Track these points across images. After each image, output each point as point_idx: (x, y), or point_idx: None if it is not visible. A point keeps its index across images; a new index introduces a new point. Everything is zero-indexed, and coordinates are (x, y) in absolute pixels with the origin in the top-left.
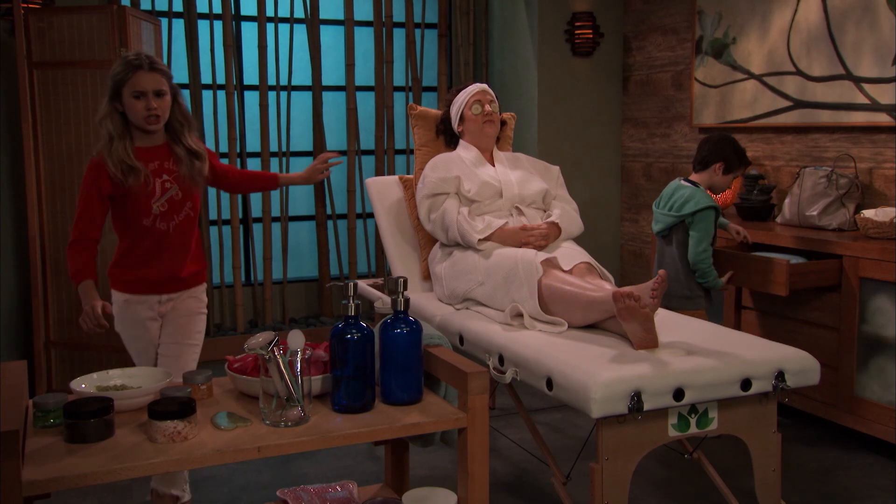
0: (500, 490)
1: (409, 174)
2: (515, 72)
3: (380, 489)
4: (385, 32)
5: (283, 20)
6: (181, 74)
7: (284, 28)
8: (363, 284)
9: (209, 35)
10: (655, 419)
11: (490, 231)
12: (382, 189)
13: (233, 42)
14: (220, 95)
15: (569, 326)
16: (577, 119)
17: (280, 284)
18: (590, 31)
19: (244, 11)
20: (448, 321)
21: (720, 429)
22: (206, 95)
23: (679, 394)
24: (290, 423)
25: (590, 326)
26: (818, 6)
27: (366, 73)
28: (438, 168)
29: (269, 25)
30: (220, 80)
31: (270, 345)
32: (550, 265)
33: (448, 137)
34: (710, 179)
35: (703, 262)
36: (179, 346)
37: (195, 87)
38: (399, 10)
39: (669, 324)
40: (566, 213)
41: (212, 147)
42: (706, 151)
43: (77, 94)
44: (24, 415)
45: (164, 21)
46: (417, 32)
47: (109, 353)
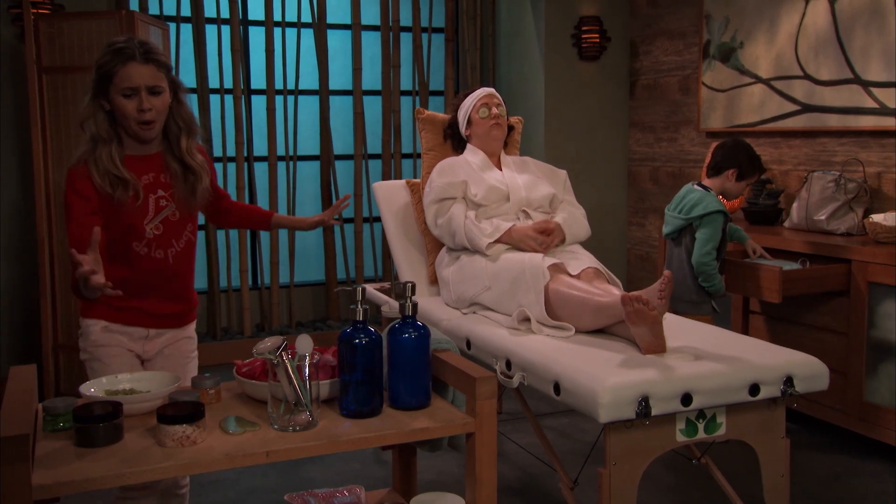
0: (508, 495)
1: (417, 178)
2: (522, 76)
3: (387, 493)
4: (392, 37)
5: (291, 24)
6: (189, 79)
7: (292, 32)
8: (370, 289)
9: (217, 39)
10: (663, 424)
11: (499, 234)
12: (389, 193)
13: (240, 46)
14: (228, 100)
15: (576, 331)
16: (584, 123)
17: (287, 288)
18: (597, 36)
19: (252, 16)
20: (455, 326)
21: (728, 434)
22: (214, 100)
23: (687, 399)
24: (299, 428)
25: (597, 331)
26: (826, 10)
27: (373, 78)
28: (445, 173)
29: (277, 30)
30: (228, 85)
31: (279, 349)
32: (558, 270)
33: (455, 142)
34: (723, 185)
35: (708, 266)
36: None
37: (203, 92)
38: (406, 15)
39: (677, 328)
40: (572, 217)
41: (218, 152)
42: (720, 157)
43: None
44: (34, 419)
45: (173, 26)
46: (424, 37)
47: None
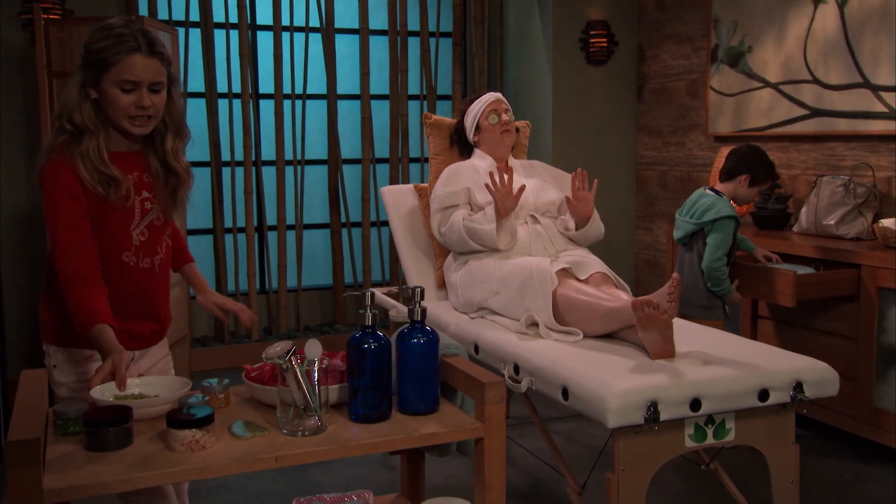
0: (516, 500)
1: (424, 182)
2: (530, 80)
3: (395, 498)
4: (400, 41)
5: (299, 29)
6: (197, 83)
7: (300, 37)
8: (378, 293)
9: (225, 44)
10: (672, 430)
11: (493, 218)
12: (397, 197)
13: (249, 51)
14: (236, 104)
15: (584, 336)
16: (592, 127)
17: (294, 292)
18: (604, 40)
19: (260, 21)
20: (463, 330)
21: (737, 440)
22: (222, 104)
23: (696, 404)
24: (308, 433)
25: (605, 336)
26: (835, 14)
27: (380, 82)
28: (449, 181)
29: (285, 34)
30: (236, 89)
31: (288, 354)
32: (566, 275)
33: (462, 147)
34: (735, 190)
35: (718, 271)
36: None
37: (211, 96)
38: (414, 19)
39: (686, 334)
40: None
41: (227, 156)
42: (733, 162)
43: None
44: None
45: (181, 31)
46: (432, 41)
47: None
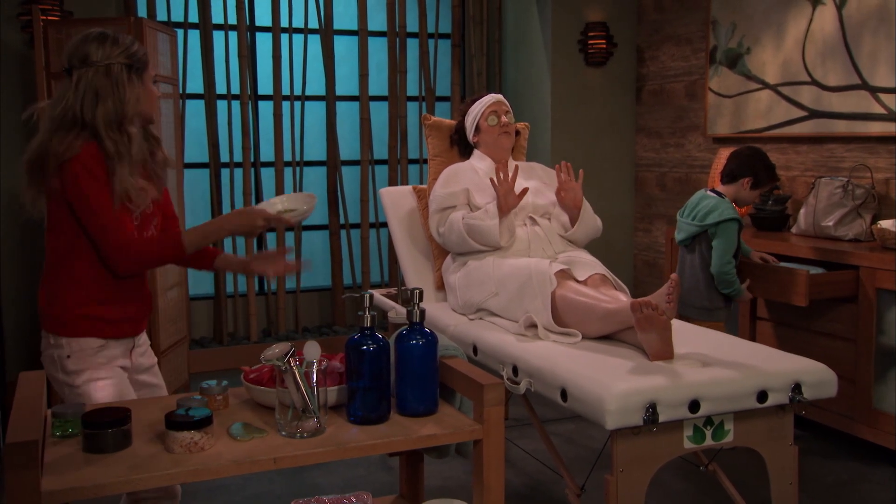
0: (515, 501)
1: (423, 184)
2: (529, 81)
3: (394, 500)
4: (399, 43)
5: (298, 31)
6: (196, 85)
7: (299, 38)
8: (377, 295)
9: (224, 46)
10: (671, 431)
11: (496, 214)
12: (396, 199)
13: (247, 52)
14: (235, 105)
15: (583, 337)
16: (591, 129)
17: (293, 294)
18: (603, 41)
19: (259, 22)
20: (462, 332)
21: (736, 441)
22: (221, 105)
23: (695, 405)
24: (306, 434)
25: (604, 337)
26: (834, 16)
27: (379, 84)
28: (447, 182)
29: (284, 36)
30: (235, 91)
31: (287, 356)
32: (565, 276)
33: (462, 147)
34: (737, 193)
35: (728, 274)
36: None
37: (210, 98)
38: (413, 21)
39: (685, 335)
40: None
41: (225, 157)
42: (735, 165)
43: None
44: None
45: (180, 32)
46: (431, 43)
47: None
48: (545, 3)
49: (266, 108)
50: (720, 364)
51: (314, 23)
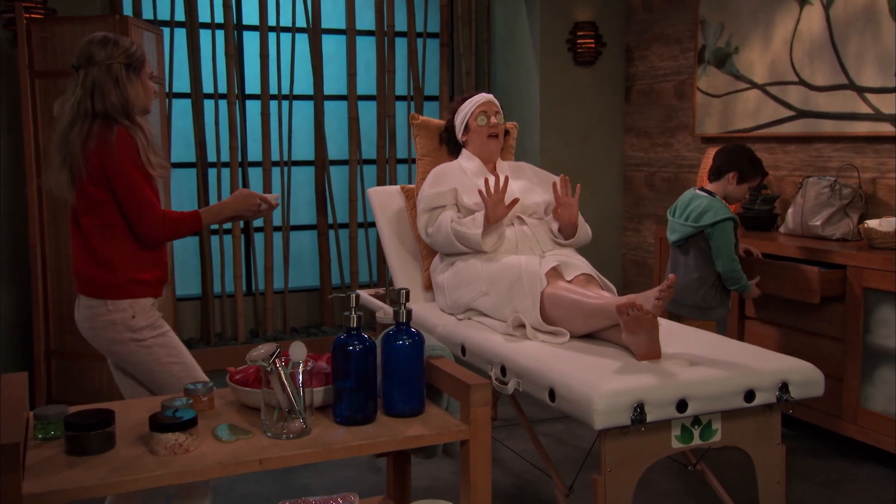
0: (503, 501)
1: (411, 184)
2: (517, 81)
3: (381, 501)
4: (387, 42)
5: (285, 29)
6: (183, 84)
7: (286, 37)
8: (365, 295)
9: (211, 44)
10: (659, 431)
11: (482, 223)
12: (384, 199)
13: (234, 51)
14: (222, 105)
15: (570, 336)
16: (580, 128)
17: (281, 294)
18: (592, 41)
19: (246, 21)
20: (450, 332)
21: (724, 440)
22: (208, 105)
23: (682, 405)
24: (292, 436)
25: (592, 337)
26: (821, 16)
27: (367, 83)
28: (436, 182)
29: (271, 35)
30: (222, 90)
31: (272, 356)
32: (554, 275)
33: (451, 146)
34: (725, 189)
35: (735, 272)
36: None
37: (197, 97)
38: (401, 20)
39: (673, 334)
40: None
41: (213, 157)
42: (720, 161)
43: None
44: (25, 427)
45: (166, 31)
46: (419, 42)
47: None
48: (534, 3)
49: (253, 108)
50: (708, 363)
51: (302, 22)
